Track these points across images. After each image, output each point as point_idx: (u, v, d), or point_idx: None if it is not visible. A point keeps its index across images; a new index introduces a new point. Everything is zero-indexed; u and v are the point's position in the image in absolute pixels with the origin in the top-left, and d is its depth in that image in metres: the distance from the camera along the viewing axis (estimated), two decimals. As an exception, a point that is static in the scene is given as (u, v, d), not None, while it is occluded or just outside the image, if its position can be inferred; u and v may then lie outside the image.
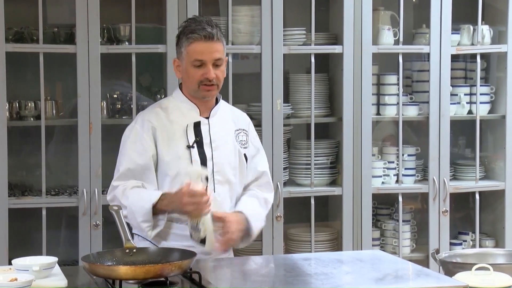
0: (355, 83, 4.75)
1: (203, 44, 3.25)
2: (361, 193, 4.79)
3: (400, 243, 4.93)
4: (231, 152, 3.37)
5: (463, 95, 5.03)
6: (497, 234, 5.16)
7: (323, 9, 4.91)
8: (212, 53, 3.26)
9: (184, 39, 3.28)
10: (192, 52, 3.26)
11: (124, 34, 4.55)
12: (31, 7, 4.39)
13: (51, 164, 4.65)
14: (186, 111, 3.35)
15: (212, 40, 3.26)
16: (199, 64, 3.26)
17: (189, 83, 3.32)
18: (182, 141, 3.30)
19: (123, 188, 3.24)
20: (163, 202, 3.14)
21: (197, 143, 3.30)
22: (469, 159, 5.21)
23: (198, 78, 3.27)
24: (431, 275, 2.78)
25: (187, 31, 3.28)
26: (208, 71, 3.26)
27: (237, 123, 3.46)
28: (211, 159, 3.31)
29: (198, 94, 3.32)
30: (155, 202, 3.14)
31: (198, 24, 3.28)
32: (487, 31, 5.01)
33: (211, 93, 3.32)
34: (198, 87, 3.29)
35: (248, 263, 2.95)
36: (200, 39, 3.24)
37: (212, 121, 3.36)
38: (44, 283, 2.69)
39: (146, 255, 2.87)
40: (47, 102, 4.52)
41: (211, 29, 3.26)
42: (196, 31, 3.25)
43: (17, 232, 4.46)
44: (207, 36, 3.24)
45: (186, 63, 3.29)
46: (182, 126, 3.32)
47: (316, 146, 4.79)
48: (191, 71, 3.28)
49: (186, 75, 3.31)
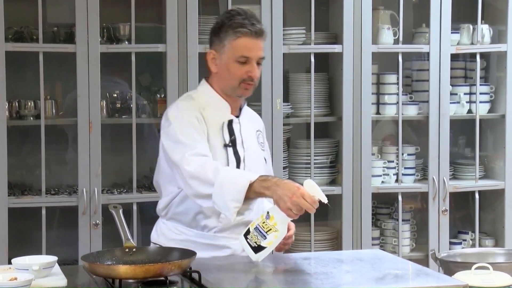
0: (355, 82, 4.75)
1: (252, 40, 3.07)
2: (360, 193, 4.79)
3: (400, 243, 4.93)
4: (258, 155, 3.26)
5: (463, 94, 5.03)
6: (496, 234, 5.16)
7: (323, 8, 4.91)
8: (259, 51, 3.10)
9: (230, 32, 3.08)
10: (239, 47, 3.07)
11: (124, 33, 4.55)
12: (31, 6, 4.39)
13: (51, 163, 4.65)
14: (219, 108, 3.17)
15: (261, 37, 3.09)
16: (244, 60, 3.08)
17: (229, 79, 3.12)
18: (218, 139, 3.14)
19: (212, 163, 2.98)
20: (264, 183, 2.87)
21: (232, 142, 3.15)
22: (469, 159, 5.21)
23: (241, 76, 3.09)
24: (431, 274, 2.78)
25: (235, 24, 3.07)
26: (253, 69, 3.09)
27: (256, 124, 3.34)
28: (243, 160, 3.17)
29: (235, 92, 3.15)
30: (254, 180, 2.88)
31: (246, 17, 3.09)
32: (487, 31, 5.01)
33: (249, 92, 3.17)
34: (239, 84, 3.11)
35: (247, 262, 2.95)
36: (250, 34, 3.07)
37: (242, 121, 3.22)
38: (43, 283, 2.69)
39: (146, 254, 2.87)
40: (47, 102, 4.51)
41: (260, 26, 3.09)
42: (246, 26, 3.06)
43: (17, 232, 4.46)
44: (257, 32, 3.07)
45: (228, 57, 3.10)
46: (218, 123, 3.15)
47: (316, 145, 4.79)
48: (234, 67, 3.09)
49: (227, 71, 3.12)
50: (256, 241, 2.83)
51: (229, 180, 2.91)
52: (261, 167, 3.25)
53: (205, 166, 2.97)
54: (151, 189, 4.63)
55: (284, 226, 2.83)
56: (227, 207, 2.90)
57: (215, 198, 2.93)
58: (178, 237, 3.21)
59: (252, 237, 2.85)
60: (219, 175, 2.93)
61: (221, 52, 3.12)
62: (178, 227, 3.23)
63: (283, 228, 2.83)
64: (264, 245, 2.82)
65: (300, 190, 2.79)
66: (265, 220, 2.83)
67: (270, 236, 2.81)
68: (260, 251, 2.83)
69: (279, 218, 2.82)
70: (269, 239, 2.82)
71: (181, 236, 3.21)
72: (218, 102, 3.18)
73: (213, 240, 3.18)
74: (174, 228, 3.24)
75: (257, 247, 2.83)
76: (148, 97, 4.74)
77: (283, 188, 2.82)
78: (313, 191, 2.80)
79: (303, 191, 2.79)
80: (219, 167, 2.96)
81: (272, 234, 2.81)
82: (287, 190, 2.80)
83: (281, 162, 4.65)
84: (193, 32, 4.50)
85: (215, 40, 3.16)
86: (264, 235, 2.82)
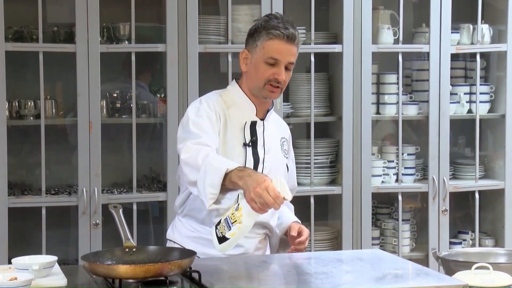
0: (355, 82, 4.75)
1: (283, 43, 3.11)
2: (360, 192, 4.79)
3: (400, 242, 4.93)
4: (279, 159, 3.28)
5: (463, 94, 5.03)
6: (496, 233, 5.16)
7: (323, 8, 4.91)
8: (288, 55, 3.13)
9: (263, 33, 3.12)
10: (270, 48, 3.11)
11: (124, 33, 4.55)
12: (30, 6, 4.39)
13: (51, 163, 4.65)
14: (243, 108, 3.21)
15: (292, 42, 3.12)
16: (273, 62, 3.12)
17: (255, 79, 3.16)
18: (239, 138, 3.17)
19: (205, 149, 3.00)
20: (239, 173, 2.86)
21: (253, 143, 3.18)
22: (469, 158, 5.21)
23: (267, 77, 3.13)
24: (431, 274, 2.78)
25: (269, 26, 3.12)
26: (280, 72, 3.12)
27: (282, 132, 3.36)
28: (263, 162, 3.19)
29: (261, 93, 3.18)
30: (231, 169, 2.87)
31: (281, 22, 3.13)
32: (487, 30, 5.01)
33: (275, 95, 3.19)
34: (264, 85, 3.14)
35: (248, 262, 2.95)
36: (281, 37, 3.10)
37: (266, 124, 3.25)
38: (43, 282, 2.69)
39: (146, 254, 2.87)
40: (47, 101, 4.51)
41: (293, 31, 3.12)
42: (279, 29, 3.11)
43: (17, 231, 4.46)
44: (289, 36, 3.11)
45: (258, 57, 3.14)
46: (240, 122, 3.18)
47: (316, 145, 4.79)
48: (262, 68, 3.13)
49: (255, 70, 3.16)
50: (223, 231, 2.79)
51: (212, 166, 2.90)
52: (281, 172, 3.26)
53: (198, 152, 2.98)
54: (151, 189, 4.64)
55: (249, 219, 2.77)
56: (204, 193, 2.90)
57: (198, 183, 2.94)
58: (192, 234, 3.23)
59: (220, 227, 2.81)
60: (206, 160, 2.94)
61: (253, 52, 3.16)
62: (192, 224, 3.24)
63: (248, 221, 2.77)
64: (228, 236, 2.78)
65: (266, 183, 2.76)
66: (234, 212, 2.79)
67: (234, 228, 2.77)
68: (224, 241, 2.79)
69: (245, 210, 2.77)
70: (233, 230, 2.77)
71: (195, 234, 3.22)
72: (244, 103, 3.22)
73: None
74: (189, 225, 3.25)
75: (222, 238, 2.80)
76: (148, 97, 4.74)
77: (252, 179, 2.80)
78: (280, 187, 2.76)
79: (268, 184, 2.75)
80: (209, 154, 2.97)
81: (236, 226, 2.76)
82: (255, 181, 2.78)
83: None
84: (193, 32, 4.50)
85: (249, 40, 3.19)
86: (230, 226, 2.78)
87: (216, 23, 4.66)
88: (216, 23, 4.66)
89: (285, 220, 3.32)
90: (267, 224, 3.25)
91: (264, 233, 3.28)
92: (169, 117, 4.49)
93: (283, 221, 3.32)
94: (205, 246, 3.12)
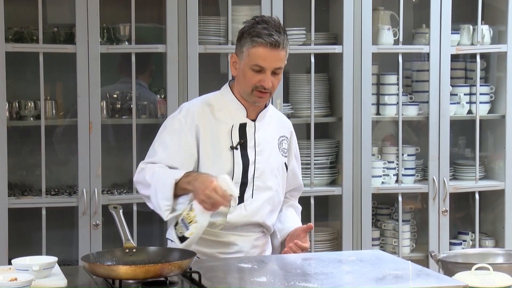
0: (355, 83, 4.75)
1: (267, 51, 3.08)
2: (361, 193, 4.79)
3: (400, 243, 4.93)
4: (274, 159, 3.26)
5: (463, 95, 5.03)
6: (497, 234, 5.16)
7: (323, 9, 4.91)
8: (274, 62, 3.11)
9: (248, 40, 3.11)
10: (254, 56, 3.10)
11: (124, 34, 4.56)
12: (31, 7, 4.39)
13: (51, 164, 4.65)
14: (233, 111, 3.21)
15: (277, 48, 3.09)
16: (258, 69, 3.10)
17: (243, 85, 3.16)
18: (226, 142, 3.18)
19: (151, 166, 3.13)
20: (186, 179, 2.99)
21: (241, 145, 3.18)
22: (469, 159, 5.21)
23: (254, 83, 3.12)
24: (431, 275, 2.78)
25: (253, 33, 3.10)
26: (266, 79, 3.11)
27: (281, 130, 3.34)
28: (254, 163, 3.19)
29: (250, 99, 3.18)
30: (179, 179, 3.00)
31: (266, 28, 3.09)
32: (487, 31, 5.01)
33: (263, 100, 3.19)
34: (252, 91, 3.14)
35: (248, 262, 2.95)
36: (265, 45, 3.08)
37: (259, 125, 3.24)
38: (44, 283, 2.69)
39: (146, 255, 2.87)
40: (47, 102, 4.52)
41: (278, 36, 3.08)
42: (262, 36, 3.08)
43: (17, 232, 4.47)
44: (273, 43, 3.08)
45: (244, 64, 3.13)
46: (228, 126, 3.19)
47: (316, 146, 4.79)
48: (248, 74, 3.12)
49: (242, 76, 3.16)
50: (181, 231, 2.98)
51: (160, 180, 3.06)
52: (276, 172, 3.26)
53: (146, 170, 3.13)
54: (151, 190, 4.63)
55: (203, 218, 2.95)
56: (159, 207, 3.05)
57: (152, 199, 3.10)
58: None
59: (178, 228, 2.99)
60: (153, 176, 3.09)
61: (240, 58, 3.16)
62: None
63: (203, 220, 2.96)
64: (187, 236, 2.97)
65: (213, 184, 2.90)
66: (188, 212, 2.97)
67: (191, 227, 2.96)
68: (185, 240, 2.98)
69: (198, 210, 2.95)
70: (191, 230, 2.96)
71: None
72: (234, 105, 3.23)
73: (219, 237, 3.21)
74: None
75: (182, 237, 2.98)
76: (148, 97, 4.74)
77: (199, 182, 2.95)
78: (225, 185, 2.91)
79: (216, 186, 2.90)
80: (155, 170, 3.10)
81: (193, 225, 2.95)
82: (202, 183, 2.93)
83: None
84: (193, 32, 4.51)
85: (237, 44, 3.19)
86: (186, 226, 2.97)
87: (216, 24, 4.66)
88: (216, 24, 4.66)
89: (287, 226, 3.31)
90: (263, 223, 3.25)
91: (261, 231, 3.27)
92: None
93: (285, 227, 3.31)
94: (203, 246, 3.13)
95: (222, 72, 4.80)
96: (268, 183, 3.23)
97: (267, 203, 3.23)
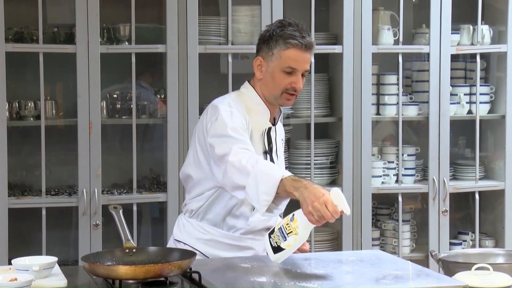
0: (355, 83, 4.75)
1: (301, 52, 3.10)
2: (361, 193, 4.79)
3: (400, 243, 4.93)
4: (283, 162, 3.30)
5: (463, 95, 5.03)
6: (497, 234, 5.16)
7: (323, 9, 4.91)
8: (305, 63, 3.13)
9: (280, 42, 3.10)
10: (287, 58, 3.10)
11: (124, 34, 4.55)
12: (31, 7, 4.39)
13: (51, 164, 4.65)
14: (261, 114, 3.19)
15: (309, 50, 3.12)
16: (290, 71, 3.11)
17: (272, 88, 3.14)
18: (260, 145, 3.17)
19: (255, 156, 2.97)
20: (294, 183, 2.83)
21: (270, 150, 3.19)
22: (469, 159, 5.21)
23: (285, 86, 3.12)
24: (431, 275, 2.78)
25: (286, 35, 3.10)
26: (298, 81, 3.12)
27: (282, 132, 3.36)
28: None
29: (277, 101, 3.17)
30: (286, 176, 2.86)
31: (297, 30, 3.11)
32: (487, 31, 5.01)
33: (290, 102, 3.20)
34: (281, 94, 3.13)
35: (248, 262, 2.95)
36: (299, 47, 3.09)
37: (277, 129, 3.26)
38: (44, 283, 2.69)
39: (146, 255, 2.87)
40: (47, 102, 4.52)
41: (309, 39, 3.11)
42: (296, 38, 3.09)
43: (17, 232, 4.46)
44: (307, 45, 3.10)
45: (275, 66, 3.12)
46: (259, 129, 3.17)
47: (316, 146, 4.79)
48: (279, 77, 3.12)
49: (271, 79, 3.14)
50: (277, 241, 2.82)
51: (264, 173, 2.89)
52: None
53: (247, 157, 2.95)
54: (151, 190, 4.64)
55: (305, 231, 2.79)
56: (258, 199, 2.88)
57: (249, 189, 2.91)
58: (204, 237, 3.21)
59: (274, 237, 2.83)
60: (256, 166, 2.91)
61: (269, 60, 3.14)
62: (204, 226, 3.22)
63: (304, 233, 2.79)
64: (283, 247, 2.80)
65: (324, 197, 2.76)
66: (289, 222, 2.80)
67: (290, 239, 2.79)
68: (279, 252, 2.82)
69: (302, 222, 2.79)
70: (289, 241, 2.79)
71: (207, 236, 3.21)
72: (261, 108, 3.21)
73: (238, 241, 3.21)
74: (200, 227, 3.23)
75: (277, 248, 2.82)
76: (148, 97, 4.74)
77: (310, 192, 2.79)
78: (337, 200, 2.76)
79: (327, 199, 2.75)
80: (259, 159, 2.95)
81: (292, 237, 2.79)
82: (312, 194, 2.77)
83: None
84: (193, 32, 4.50)
85: (264, 47, 3.17)
86: (285, 237, 2.80)
87: (216, 24, 4.66)
88: (216, 24, 4.66)
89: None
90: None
91: None
92: (169, 118, 4.49)
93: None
94: (217, 248, 3.14)
95: (222, 72, 4.80)
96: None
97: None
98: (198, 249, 3.16)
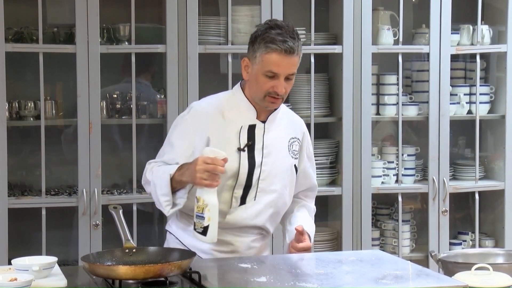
0: (355, 83, 4.75)
1: (282, 57, 3.05)
2: (360, 193, 4.79)
3: (400, 243, 4.93)
4: (282, 161, 3.24)
5: (463, 95, 5.03)
6: (496, 234, 5.16)
7: (323, 9, 4.91)
8: (288, 68, 3.07)
9: (262, 45, 3.06)
10: (268, 62, 3.06)
11: (124, 34, 4.56)
12: (31, 7, 4.39)
13: (51, 164, 4.65)
14: (243, 112, 3.19)
15: (291, 54, 3.06)
16: (271, 75, 3.07)
17: (256, 90, 3.13)
18: (234, 142, 3.16)
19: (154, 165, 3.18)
20: (179, 171, 3.01)
21: (249, 147, 3.16)
22: (469, 159, 5.21)
23: (267, 89, 3.09)
24: (431, 275, 2.78)
25: (267, 38, 3.06)
26: (279, 85, 3.08)
27: (293, 131, 3.32)
28: (260, 165, 3.16)
29: (262, 103, 3.15)
30: (173, 173, 3.02)
31: (280, 33, 3.05)
32: (487, 31, 5.01)
33: (275, 105, 3.17)
34: (264, 97, 3.11)
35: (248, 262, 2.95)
36: (279, 51, 3.04)
37: (268, 126, 3.21)
38: (43, 283, 2.69)
39: (146, 255, 2.87)
40: (47, 102, 4.52)
41: (292, 43, 3.05)
42: (276, 42, 3.04)
43: (17, 232, 4.46)
44: (287, 50, 3.04)
45: (257, 69, 3.09)
46: (236, 126, 3.17)
47: (316, 146, 4.79)
48: (261, 80, 3.09)
49: (255, 82, 3.12)
50: (200, 225, 2.97)
51: (157, 177, 3.09)
52: (284, 174, 3.24)
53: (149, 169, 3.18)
54: (151, 190, 4.63)
55: (211, 197, 2.95)
56: (160, 203, 3.10)
57: (153, 196, 3.14)
58: (187, 228, 3.22)
59: (196, 225, 2.98)
60: (152, 174, 3.14)
61: (253, 62, 3.12)
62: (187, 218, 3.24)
63: (212, 199, 2.95)
64: (206, 224, 2.96)
65: (198, 160, 2.93)
66: (197, 205, 2.97)
67: (205, 214, 2.95)
68: (207, 231, 2.96)
69: (203, 194, 2.95)
70: (206, 216, 2.95)
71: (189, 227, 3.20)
72: (244, 106, 3.20)
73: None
74: (183, 219, 3.26)
75: (203, 230, 2.97)
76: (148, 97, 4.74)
77: (189, 167, 2.98)
78: (211, 153, 2.94)
79: (202, 157, 2.92)
80: (153, 168, 3.16)
81: (206, 212, 2.95)
82: (191, 166, 2.96)
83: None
84: (193, 32, 4.51)
85: (250, 49, 3.15)
86: (202, 217, 2.96)
87: (216, 24, 4.66)
88: (216, 24, 4.66)
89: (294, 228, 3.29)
90: (262, 226, 3.24)
91: (259, 233, 3.26)
92: (169, 117, 4.49)
93: (292, 228, 3.26)
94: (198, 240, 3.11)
95: (222, 72, 4.80)
96: (272, 186, 3.20)
97: (269, 206, 3.21)
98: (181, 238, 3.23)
